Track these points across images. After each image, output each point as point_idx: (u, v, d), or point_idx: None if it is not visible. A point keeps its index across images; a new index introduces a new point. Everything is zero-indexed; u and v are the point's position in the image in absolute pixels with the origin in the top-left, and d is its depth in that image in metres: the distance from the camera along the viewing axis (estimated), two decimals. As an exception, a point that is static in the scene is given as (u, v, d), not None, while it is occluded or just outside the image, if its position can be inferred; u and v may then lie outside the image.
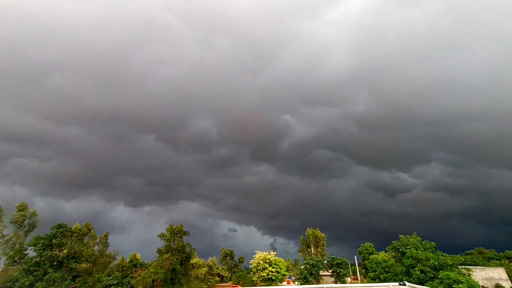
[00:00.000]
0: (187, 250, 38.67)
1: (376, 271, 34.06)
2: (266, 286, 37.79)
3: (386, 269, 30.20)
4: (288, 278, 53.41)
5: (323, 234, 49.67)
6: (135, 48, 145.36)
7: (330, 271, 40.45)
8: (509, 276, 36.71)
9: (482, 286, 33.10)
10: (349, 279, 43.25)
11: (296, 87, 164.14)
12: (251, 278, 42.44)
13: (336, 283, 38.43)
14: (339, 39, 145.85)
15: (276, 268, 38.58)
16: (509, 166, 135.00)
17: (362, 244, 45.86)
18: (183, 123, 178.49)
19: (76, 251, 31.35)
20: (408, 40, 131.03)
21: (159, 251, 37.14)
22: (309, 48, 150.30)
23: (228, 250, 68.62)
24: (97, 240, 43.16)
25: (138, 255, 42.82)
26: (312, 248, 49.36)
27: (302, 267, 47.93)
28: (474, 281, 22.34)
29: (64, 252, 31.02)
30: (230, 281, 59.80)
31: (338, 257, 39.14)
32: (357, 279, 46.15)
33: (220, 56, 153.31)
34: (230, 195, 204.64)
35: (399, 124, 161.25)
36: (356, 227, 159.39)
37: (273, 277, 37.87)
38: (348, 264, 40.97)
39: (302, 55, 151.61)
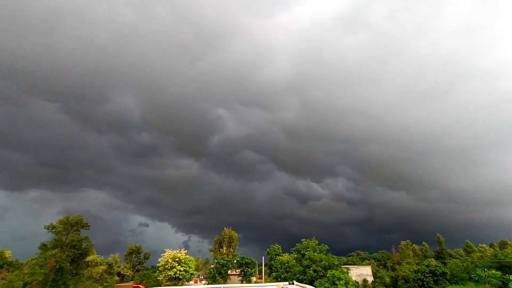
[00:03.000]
0: (84, 245, 33.30)
1: (279, 271, 37.63)
2: (171, 285, 36.26)
3: (287, 269, 33.80)
4: (196, 277, 52.77)
5: (236, 234, 51.58)
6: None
7: (238, 270, 42.18)
8: (373, 272, 46.91)
9: (355, 281, 41.13)
10: (254, 278, 46.15)
11: (235, 83, 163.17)
12: (157, 277, 39.96)
13: (242, 282, 40.40)
14: (284, 45, 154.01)
15: (185, 267, 37.56)
16: (390, 185, 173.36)
17: (271, 246, 49.94)
18: (100, 95, 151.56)
19: None
20: (339, 65, 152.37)
21: (43, 246, 30.56)
22: (254, 47, 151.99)
23: (135, 246, 62.56)
24: None
25: (8, 252, 34.17)
26: (225, 248, 50.46)
27: (212, 266, 48.32)
28: (350, 277, 27.58)
29: None
30: (131, 280, 54.49)
31: (247, 257, 41.25)
32: (261, 278, 49.81)
33: (157, 29, 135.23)
34: (146, 187, 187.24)
35: (319, 138, 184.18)
36: (269, 229, 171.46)
37: (180, 276, 36.71)
38: (256, 264, 43.71)
39: (247, 52, 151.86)
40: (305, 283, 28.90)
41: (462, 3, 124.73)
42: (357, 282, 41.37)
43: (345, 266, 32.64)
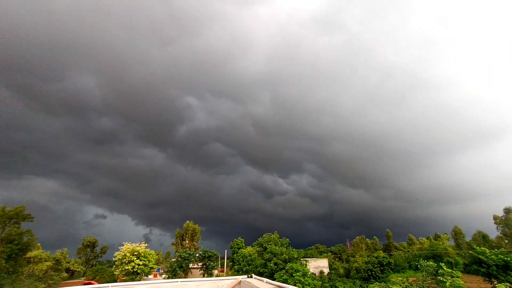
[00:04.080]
0: (25, 239, 29.92)
1: (241, 264, 38.13)
2: (128, 280, 34.57)
3: (249, 262, 34.38)
4: (156, 271, 51.13)
5: (199, 228, 50.90)
6: None
7: (200, 264, 41.83)
8: (329, 264, 50.11)
9: (312, 272, 43.52)
10: (216, 271, 46.20)
11: (207, 71, 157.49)
12: (113, 272, 37.75)
13: (203, 275, 40.19)
14: (260, 38, 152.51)
15: (144, 261, 36.06)
16: (350, 183, 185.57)
17: (235, 239, 50.31)
18: (54, 72, 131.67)
19: None
20: (312, 64, 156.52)
21: (-28, 241, 26.77)
22: (230, 36, 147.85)
23: (91, 239, 58.25)
24: None
25: None
26: (187, 241, 49.55)
27: (173, 259, 47.15)
28: (307, 269, 29.05)
29: None
30: (83, 276, 50.71)
31: (210, 251, 41.06)
32: (223, 271, 50.07)
33: (125, 4, 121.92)
34: (105, 177, 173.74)
35: (287, 134, 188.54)
36: (234, 223, 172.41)
37: (139, 271, 35.18)
38: (218, 257, 43.74)
39: (222, 40, 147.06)
40: (266, 276, 29.74)
41: (423, 17, 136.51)
42: (314, 274, 43.83)
43: (304, 259, 34.28)
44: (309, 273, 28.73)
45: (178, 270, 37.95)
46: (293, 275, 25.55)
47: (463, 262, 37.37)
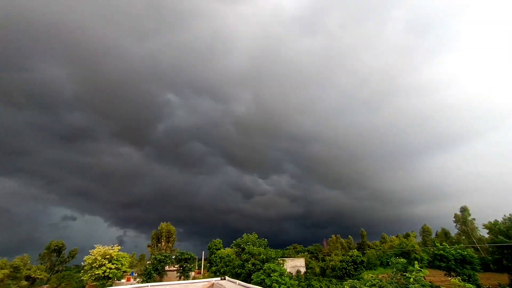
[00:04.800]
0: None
1: (218, 265, 37.77)
2: (98, 285, 32.81)
3: (227, 263, 34.15)
4: (130, 274, 49.05)
5: (174, 229, 49.56)
6: None
7: (177, 266, 40.80)
8: (306, 263, 51.23)
9: (289, 272, 44.23)
10: (193, 274, 45.32)
11: (189, 68, 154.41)
12: (81, 277, 35.59)
13: (180, 277, 39.25)
14: (244, 36, 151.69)
15: (117, 264, 34.43)
16: (327, 184, 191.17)
17: (212, 240, 49.69)
18: (19, 61, 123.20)
19: None
20: (294, 65, 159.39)
21: None
22: (213, 33, 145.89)
23: (58, 243, 54.33)
24: None
25: None
26: (163, 243, 48.06)
27: (148, 262, 45.50)
28: (284, 269, 29.45)
29: None
30: (46, 284, 47.13)
31: (187, 252, 40.22)
32: (200, 273, 49.24)
33: None
34: (75, 176, 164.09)
35: (268, 134, 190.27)
36: (212, 224, 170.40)
37: (111, 275, 33.50)
38: (195, 259, 42.96)
39: (205, 36, 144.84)
40: (243, 276, 29.71)
41: (399, 26, 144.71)
42: (291, 273, 44.58)
43: (281, 258, 34.74)
44: (286, 273, 29.18)
45: (153, 273, 36.72)
46: (271, 275, 25.77)
47: (427, 258, 40.07)
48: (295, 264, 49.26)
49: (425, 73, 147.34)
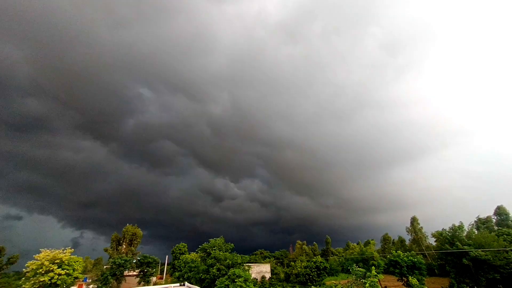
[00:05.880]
0: None
1: (182, 270, 36.49)
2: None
3: (191, 268, 33.13)
4: (83, 280, 45.23)
5: (141, 232, 46.93)
6: None
7: (138, 270, 38.56)
8: (271, 269, 51.64)
9: (254, 278, 44.19)
10: (154, 279, 43.16)
11: (166, 62, 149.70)
12: (21, 285, 31.81)
13: (140, 283, 37.14)
14: (225, 37, 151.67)
15: (68, 269, 31.39)
16: (297, 190, 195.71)
17: (176, 244, 47.91)
18: None
19: None
20: (274, 70, 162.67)
21: None
22: (195, 30, 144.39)
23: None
24: None
25: None
26: (124, 246, 45.10)
27: (106, 266, 42.30)
28: (249, 274, 29.39)
29: None
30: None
31: (150, 256, 38.34)
32: (162, 278, 47.06)
33: None
34: (24, 170, 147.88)
35: (243, 138, 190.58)
36: (179, 227, 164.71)
37: (59, 282, 30.43)
38: (158, 263, 40.99)
39: (186, 33, 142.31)
40: (207, 282, 29.01)
41: (374, 41, 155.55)
42: (256, 279, 44.59)
43: (247, 264, 34.61)
44: (251, 279, 29.12)
45: (110, 278, 34.22)
46: (235, 280, 25.53)
47: (383, 264, 42.79)
48: (260, 270, 49.38)
49: (395, 89, 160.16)
